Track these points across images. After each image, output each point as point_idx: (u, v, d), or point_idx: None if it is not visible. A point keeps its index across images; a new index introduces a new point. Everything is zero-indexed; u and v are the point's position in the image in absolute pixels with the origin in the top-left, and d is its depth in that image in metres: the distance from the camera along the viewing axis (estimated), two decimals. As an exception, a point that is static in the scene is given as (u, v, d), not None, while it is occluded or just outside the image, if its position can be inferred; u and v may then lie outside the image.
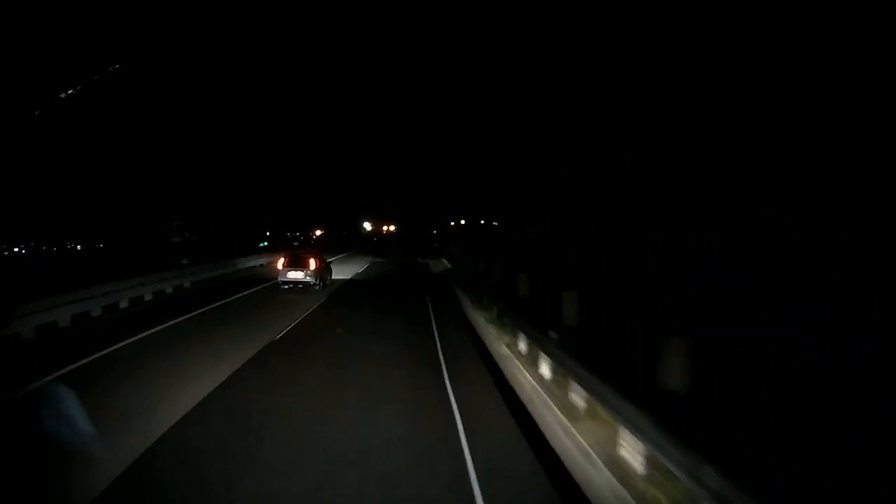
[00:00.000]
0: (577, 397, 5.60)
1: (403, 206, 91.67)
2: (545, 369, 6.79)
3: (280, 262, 16.82)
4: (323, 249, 26.33)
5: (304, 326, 10.66)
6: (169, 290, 14.99)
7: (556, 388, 6.23)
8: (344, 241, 53.47)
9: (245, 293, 15.67)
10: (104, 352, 7.97)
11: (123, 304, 12.37)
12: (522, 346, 8.05)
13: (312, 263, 16.43)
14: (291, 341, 9.21)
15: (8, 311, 6.44)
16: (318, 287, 16.38)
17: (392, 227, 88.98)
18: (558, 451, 4.84)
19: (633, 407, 4.18)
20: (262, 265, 23.94)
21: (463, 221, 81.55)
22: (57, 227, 42.03)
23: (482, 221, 78.26)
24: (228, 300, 14.07)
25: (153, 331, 9.62)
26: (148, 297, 13.63)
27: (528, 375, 6.98)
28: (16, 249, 38.43)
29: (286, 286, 16.32)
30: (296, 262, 16.50)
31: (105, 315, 11.32)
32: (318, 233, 49.31)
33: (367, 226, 68.01)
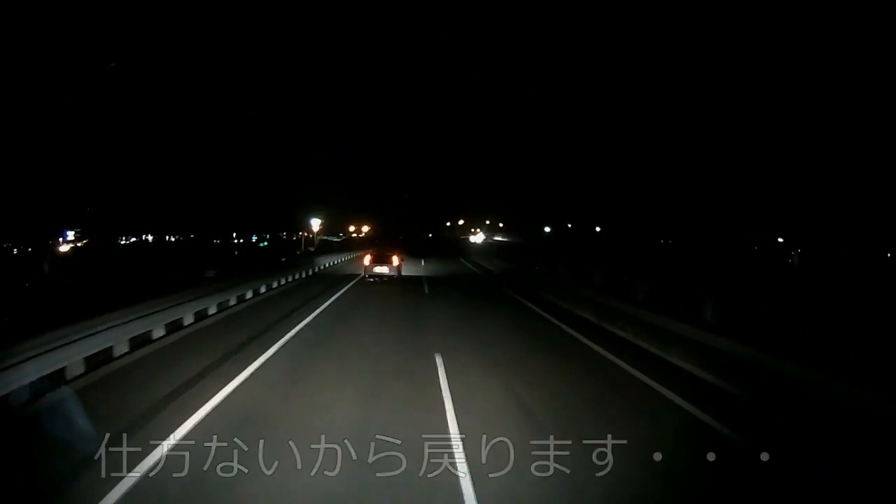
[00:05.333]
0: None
1: (377, 206, 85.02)
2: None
3: (367, 259, 20.47)
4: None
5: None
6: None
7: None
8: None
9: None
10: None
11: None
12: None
13: (395, 260, 20.18)
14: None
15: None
16: (396, 278, 20.05)
17: (365, 228, 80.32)
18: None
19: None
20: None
21: (461, 222, 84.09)
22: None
23: (487, 222, 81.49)
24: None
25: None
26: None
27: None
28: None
29: (372, 279, 19.79)
30: (381, 260, 20.20)
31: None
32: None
33: (315, 225, 51.75)
